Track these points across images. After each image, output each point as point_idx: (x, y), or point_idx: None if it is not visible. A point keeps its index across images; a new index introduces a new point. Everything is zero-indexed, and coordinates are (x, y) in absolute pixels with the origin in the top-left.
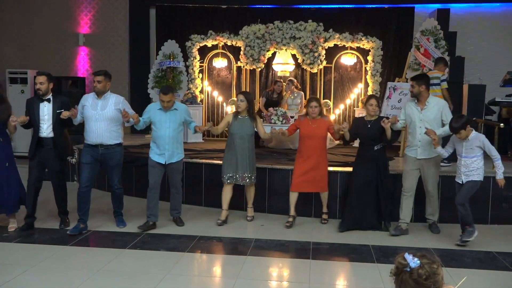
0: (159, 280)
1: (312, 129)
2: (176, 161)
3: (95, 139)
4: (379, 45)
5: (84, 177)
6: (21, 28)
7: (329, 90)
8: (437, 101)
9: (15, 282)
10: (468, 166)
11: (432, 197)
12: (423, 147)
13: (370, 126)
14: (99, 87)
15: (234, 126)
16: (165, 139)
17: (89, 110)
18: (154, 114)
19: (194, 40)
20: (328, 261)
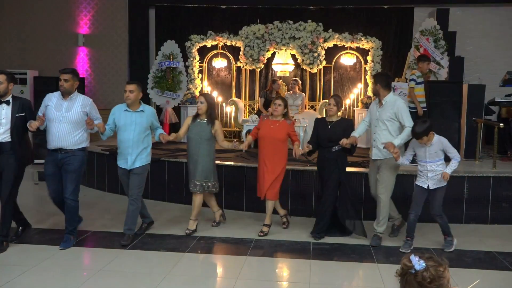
0: (159, 280)
1: (271, 131)
2: (139, 166)
3: (55, 142)
4: (379, 45)
5: (50, 190)
6: (21, 28)
7: (328, 90)
8: (393, 100)
9: (14, 283)
10: (434, 170)
11: (380, 203)
12: (378, 147)
13: (331, 127)
14: (65, 86)
15: (191, 130)
16: (129, 143)
17: (53, 111)
18: (119, 116)
19: (193, 40)
20: (328, 261)
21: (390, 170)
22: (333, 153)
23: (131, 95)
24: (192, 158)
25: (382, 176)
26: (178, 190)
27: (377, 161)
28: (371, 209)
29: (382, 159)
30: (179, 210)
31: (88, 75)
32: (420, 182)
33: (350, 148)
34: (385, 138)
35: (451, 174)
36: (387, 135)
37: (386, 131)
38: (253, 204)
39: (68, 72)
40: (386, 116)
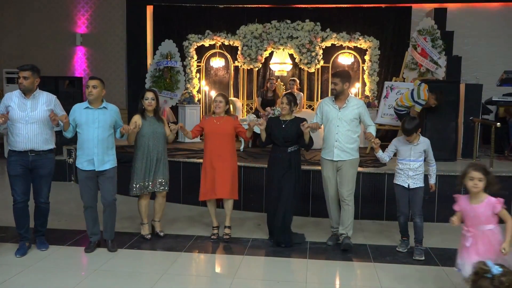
0: (156, 280)
1: (216, 126)
2: (109, 168)
3: (24, 144)
4: (376, 44)
5: (17, 192)
6: (19, 28)
7: (326, 90)
8: (356, 101)
9: (11, 282)
10: (416, 169)
11: (347, 205)
12: (340, 147)
13: (285, 126)
14: (25, 84)
15: (145, 127)
16: (93, 142)
17: (16, 112)
18: (79, 114)
19: (191, 39)
20: (325, 261)
21: (353, 171)
22: (288, 153)
23: (94, 91)
24: (151, 156)
25: (347, 178)
26: (175, 189)
27: (337, 162)
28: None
29: (345, 160)
30: (174, 210)
31: (86, 75)
32: (400, 181)
33: (308, 143)
34: (349, 138)
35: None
36: (350, 135)
37: (349, 131)
38: (251, 203)
39: (27, 69)
40: (350, 116)
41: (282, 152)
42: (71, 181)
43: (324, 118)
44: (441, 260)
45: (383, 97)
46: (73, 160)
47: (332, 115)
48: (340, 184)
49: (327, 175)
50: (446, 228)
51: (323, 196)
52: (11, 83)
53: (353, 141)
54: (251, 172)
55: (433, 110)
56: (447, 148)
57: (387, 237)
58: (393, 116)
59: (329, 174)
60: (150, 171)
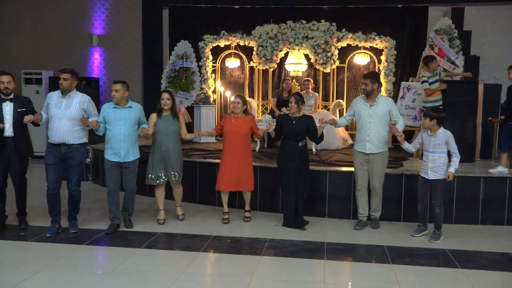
0: (174, 279)
1: (235, 126)
2: (132, 160)
3: (57, 138)
4: (393, 44)
5: (50, 179)
6: (36, 29)
7: (342, 90)
8: (386, 99)
9: (31, 281)
10: (435, 161)
11: (377, 194)
12: (372, 141)
13: (295, 122)
14: (64, 84)
15: (159, 124)
16: (120, 137)
17: (53, 109)
18: (108, 113)
19: (206, 40)
20: (343, 262)
21: (384, 162)
22: (299, 148)
23: (116, 94)
24: (162, 150)
25: (377, 170)
26: (192, 189)
27: (369, 155)
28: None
29: (376, 153)
30: (191, 209)
31: (102, 75)
32: (422, 172)
33: (320, 137)
34: (379, 133)
35: (455, 173)
36: (381, 131)
37: (380, 126)
38: (267, 203)
39: (67, 72)
40: (380, 113)
41: (293, 146)
42: (88, 181)
43: (356, 115)
44: (459, 261)
45: (400, 97)
46: (91, 160)
47: (364, 112)
48: (372, 175)
49: (358, 166)
50: (465, 230)
51: (339, 196)
52: (29, 84)
53: (383, 135)
54: (267, 173)
55: (451, 111)
56: (465, 149)
57: (405, 238)
58: (410, 116)
59: (359, 165)
60: (162, 163)
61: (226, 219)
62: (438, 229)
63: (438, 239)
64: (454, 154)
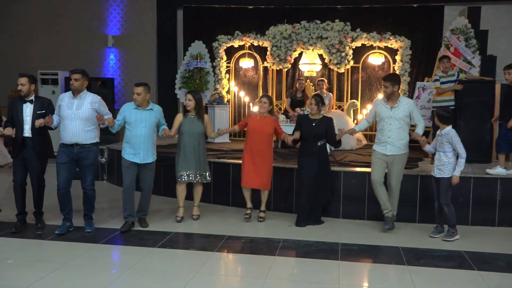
0: (188, 279)
1: (259, 125)
2: (152, 161)
3: (70, 138)
4: (408, 44)
5: (60, 178)
6: (52, 30)
7: (356, 90)
8: (407, 100)
9: (48, 279)
10: (440, 159)
11: (394, 193)
12: (392, 143)
13: (315, 124)
14: (76, 85)
15: (184, 125)
16: (140, 138)
17: (65, 110)
18: (129, 114)
19: (220, 40)
20: (357, 263)
21: (403, 164)
22: (318, 147)
23: (138, 97)
24: (187, 151)
25: (397, 171)
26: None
27: (390, 156)
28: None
29: (396, 154)
30: (205, 209)
31: (117, 76)
32: (432, 171)
33: (338, 141)
34: (400, 135)
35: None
36: (402, 133)
37: (401, 128)
38: (281, 204)
39: (78, 72)
40: (401, 115)
41: (312, 147)
42: (104, 180)
43: (377, 116)
44: (476, 264)
45: (415, 97)
46: (106, 160)
47: (384, 114)
48: (390, 175)
49: (375, 161)
50: (481, 231)
51: (354, 197)
52: (45, 84)
53: (403, 137)
54: (281, 173)
55: (467, 111)
56: (482, 150)
57: (421, 239)
58: (425, 116)
59: (377, 160)
60: (188, 164)
61: (248, 215)
62: (451, 227)
63: (452, 237)
64: (460, 155)
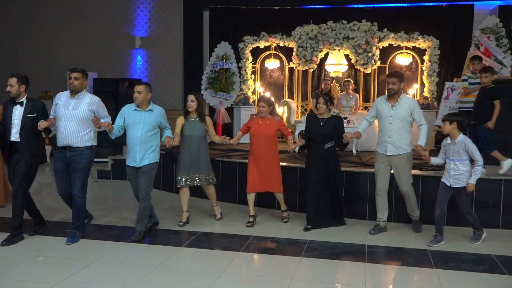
0: (214, 278)
1: (261, 128)
2: (147, 164)
3: (63, 140)
4: (436, 44)
5: (59, 187)
6: (81, 31)
7: (383, 91)
8: (409, 99)
9: (77, 276)
10: (456, 169)
11: (409, 197)
12: (393, 143)
13: (323, 124)
14: (75, 84)
15: (185, 128)
16: (136, 140)
17: (61, 109)
18: (128, 115)
19: (246, 41)
20: (384, 265)
21: (407, 163)
22: (326, 149)
23: (139, 96)
24: (188, 154)
25: (402, 171)
26: (231, 190)
27: (391, 157)
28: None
29: (397, 155)
30: (232, 209)
31: (144, 77)
32: (444, 179)
33: (344, 144)
34: (401, 134)
35: (504, 176)
36: (403, 132)
37: (402, 128)
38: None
39: (78, 71)
40: (402, 114)
41: (320, 148)
42: None
43: (378, 115)
44: (507, 268)
45: (444, 98)
46: None
47: (385, 113)
48: (398, 178)
49: (378, 168)
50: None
51: None
52: None
53: (405, 137)
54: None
55: None
56: None
57: (450, 242)
58: None
59: (380, 167)
60: (189, 167)
61: (250, 222)
62: (477, 229)
63: (479, 240)
64: (477, 162)
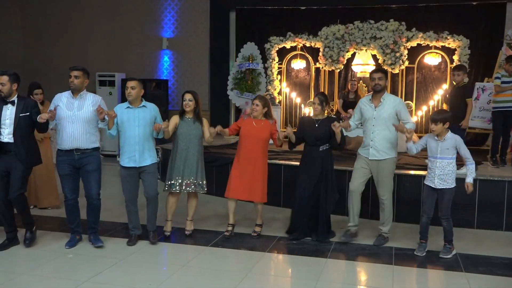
0: (240, 278)
1: (254, 130)
2: (150, 163)
3: (70, 143)
4: (466, 43)
5: (67, 190)
6: (109, 32)
7: (411, 92)
8: (393, 98)
9: (105, 274)
10: (443, 168)
11: (384, 204)
12: (375, 147)
13: (318, 125)
14: (76, 82)
15: (180, 128)
16: (134, 139)
17: (64, 111)
18: (121, 113)
19: (273, 42)
20: (412, 268)
21: (389, 170)
22: (320, 152)
23: (132, 92)
24: (181, 156)
25: (383, 178)
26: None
27: (373, 162)
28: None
29: (380, 160)
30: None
31: (171, 77)
32: (428, 181)
33: (340, 143)
34: (385, 138)
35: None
36: (386, 135)
37: (386, 130)
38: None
39: (79, 69)
40: (386, 115)
41: (314, 151)
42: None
43: (362, 117)
44: None
45: (474, 98)
46: (160, 159)
47: (368, 114)
48: (377, 183)
49: (357, 167)
50: None
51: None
52: (103, 86)
53: (389, 140)
54: None
55: None
56: None
57: (479, 246)
58: (485, 118)
59: (358, 166)
60: (181, 171)
61: (229, 231)
62: (448, 242)
63: (450, 254)
64: (468, 160)
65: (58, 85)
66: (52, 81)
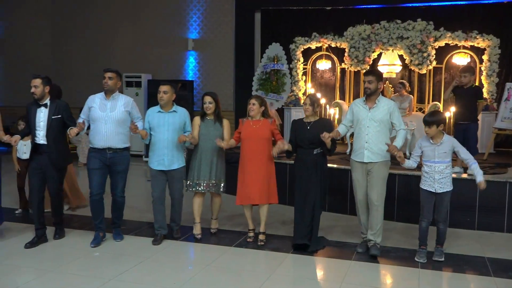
0: (264, 279)
1: (253, 130)
2: (177, 168)
3: (103, 142)
4: (497, 43)
5: (94, 185)
6: (135, 34)
7: (438, 92)
8: (388, 101)
9: (130, 272)
10: (442, 172)
11: (376, 210)
12: (370, 149)
13: (310, 128)
14: (110, 83)
15: (201, 129)
16: (163, 143)
17: (97, 112)
18: (152, 117)
19: (298, 42)
20: (439, 271)
21: (384, 173)
22: (314, 156)
23: (164, 96)
24: (201, 157)
25: (376, 181)
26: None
27: (368, 164)
28: None
29: (375, 162)
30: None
31: (197, 78)
32: (426, 185)
33: (330, 148)
34: (379, 139)
35: None
36: (381, 137)
37: (380, 132)
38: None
39: (112, 71)
40: (380, 116)
41: (308, 155)
42: None
43: (354, 119)
44: None
45: (504, 99)
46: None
47: (362, 115)
48: (370, 187)
49: (357, 178)
50: None
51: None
52: (130, 86)
53: (384, 142)
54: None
55: None
56: None
57: (509, 250)
58: None
59: (358, 177)
60: (202, 171)
61: (251, 238)
62: (440, 245)
63: (442, 256)
64: (470, 161)
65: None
66: (79, 82)
